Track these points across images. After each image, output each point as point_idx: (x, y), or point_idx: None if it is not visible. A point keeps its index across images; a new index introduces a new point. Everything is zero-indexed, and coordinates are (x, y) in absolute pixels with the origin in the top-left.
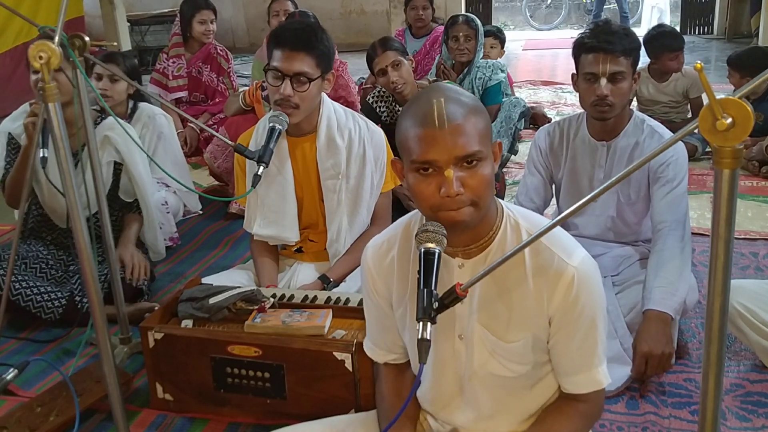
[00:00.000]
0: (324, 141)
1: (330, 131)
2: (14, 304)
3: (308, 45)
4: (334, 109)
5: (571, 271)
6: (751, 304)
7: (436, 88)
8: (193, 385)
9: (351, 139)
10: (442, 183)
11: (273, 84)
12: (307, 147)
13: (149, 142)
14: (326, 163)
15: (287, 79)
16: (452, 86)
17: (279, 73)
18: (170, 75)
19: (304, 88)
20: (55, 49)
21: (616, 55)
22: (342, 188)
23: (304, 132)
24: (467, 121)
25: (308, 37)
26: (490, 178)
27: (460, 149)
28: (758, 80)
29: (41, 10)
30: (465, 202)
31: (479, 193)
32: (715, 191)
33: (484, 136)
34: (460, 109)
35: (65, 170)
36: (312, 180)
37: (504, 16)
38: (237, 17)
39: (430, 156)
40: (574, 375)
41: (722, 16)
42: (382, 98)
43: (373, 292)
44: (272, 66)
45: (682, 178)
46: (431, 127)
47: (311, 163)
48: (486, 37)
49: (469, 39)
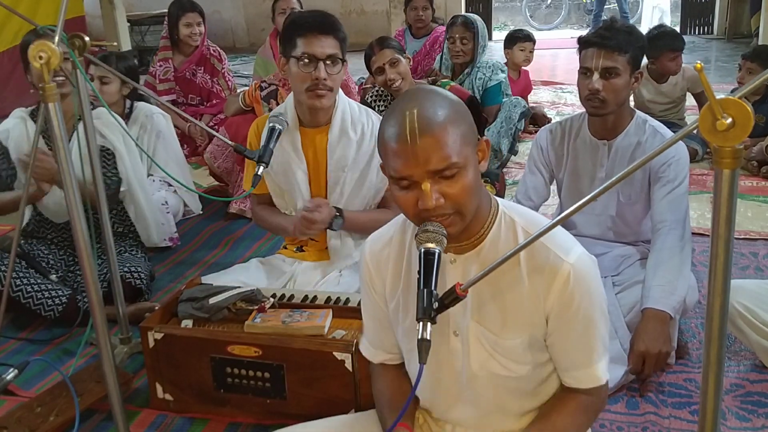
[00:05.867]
0: (337, 133)
1: (344, 124)
2: (14, 301)
3: (334, 28)
4: (348, 103)
5: (567, 268)
6: (751, 304)
7: (412, 94)
8: (193, 385)
9: (363, 133)
10: (420, 196)
11: (304, 70)
12: (319, 140)
13: (148, 141)
14: (335, 155)
15: (320, 62)
16: (431, 90)
17: (311, 57)
18: (158, 78)
19: (336, 70)
20: (55, 49)
21: (610, 50)
22: (346, 181)
23: (319, 123)
24: (443, 132)
25: (332, 21)
26: (471, 185)
27: (435, 163)
28: (758, 80)
29: (40, 9)
30: (447, 213)
31: (461, 202)
32: (715, 191)
33: (463, 144)
34: (435, 119)
35: (65, 170)
36: (321, 173)
37: (504, 16)
38: (237, 17)
39: (405, 172)
40: (574, 371)
41: (722, 16)
42: (380, 97)
43: (370, 287)
44: (302, 53)
45: (683, 178)
46: (404, 143)
47: (321, 155)
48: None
49: (465, 41)
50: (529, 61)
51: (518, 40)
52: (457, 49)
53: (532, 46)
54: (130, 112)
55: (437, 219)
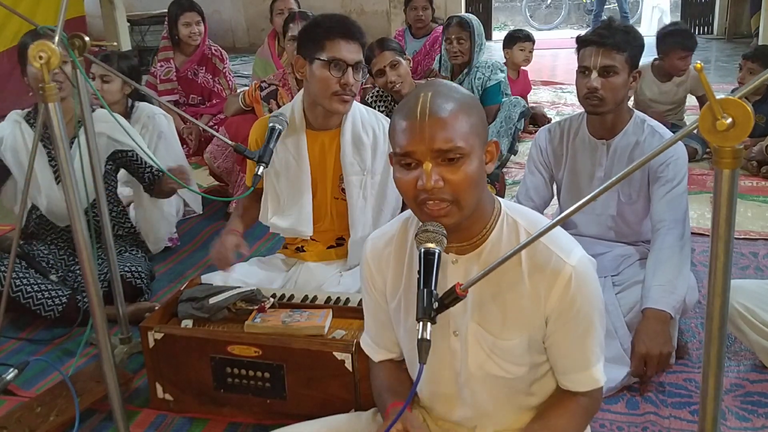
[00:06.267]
0: (349, 138)
1: (356, 128)
2: (14, 301)
3: (360, 34)
4: (357, 107)
5: (569, 269)
6: (751, 304)
7: (430, 83)
8: (193, 385)
9: (376, 136)
10: (420, 176)
11: (334, 75)
12: (327, 142)
13: (149, 141)
14: (351, 158)
15: (349, 68)
16: (449, 83)
17: (340, 62)
18: (159, 78)
19: (361, 77)
20: (55, 49)
21: (609, 49)
22: (367, 184)
23: (329, 126)
24: (452, 116)
25: (358, 27)
26: (474, 177)
27: (439, 143)
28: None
29: (40, 9)
30: (445, 199)
31: (460, 191)
32: (715, 191)
33: (471, 134)
34: (447, 104)
35: (65, 170)
36: (327, 176)
37: (504, 16)
38: (237, 17)
39: (409, 147)
40: (572, 373)
41: (722, 16)
42: (380, 98)
43: (371, 286)
44: (332, 57)
45: (682, 177)
46: (413, 119)
47: (329, 158)
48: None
49: (462, 41)
50: (529, 61)
51: (517, 40)
52: (454, 49)
53: (531, 46)
54: (131, 112)
55: (434, 205)
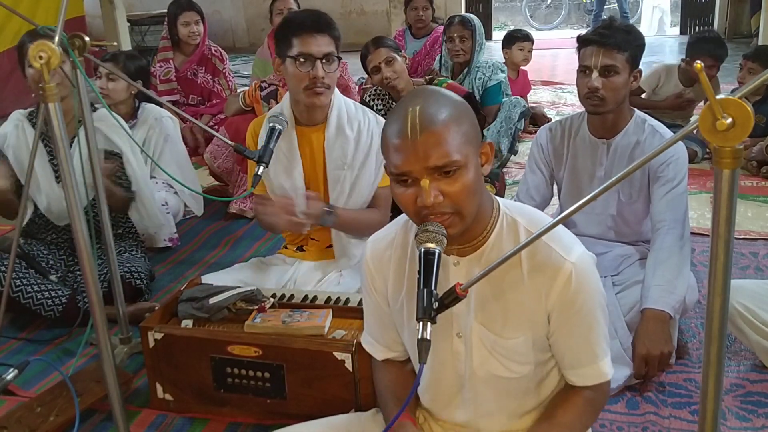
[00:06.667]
0: (333, 131)
1: (340, 121)
2: (14, 301)
3: (329, 27)
4: (344, 101)
5: (569, 266)
6: (751, 304)
7: (417, 93)
8: (193, 385)
9: (360, 130)
10: (419, 193)
11: (301, 70)
12: (315, 138)
13: (155, 144)
14: (334, 153)
15: (317, 61)
16: (436, 90)
17: (308, 56)
18: (158, 79)
19: (333, 68)
20: (55, 49)
21: (609, 48)
22: (346, 178)
23: (316, 122)
24: (444, 129)
25: (326, 19)
26: (472, 186)
27: (434, 160)
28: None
29: (40, 9)
30: (446, 211)
31: (460, 202)
32: (715, 191)
33: (465, 143)
34: (437, 116)
35: (65, 170)
36: (318, 171)
37: (504, 16)
38: (237, 17)
39: (405, 167)
40: (579, 368)
41: (722, 16)
42: (378, 95)
43: (371, 288)
44: (299, 52)
45: (682, 177)
46: (404, 138)
47: (318, 153)
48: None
49: (464, 40)
50: (528, 60)
51: (517, 39)
52: (456, 48)
53: (530, 45)
54: (135, 112)
55: (437, 218)
